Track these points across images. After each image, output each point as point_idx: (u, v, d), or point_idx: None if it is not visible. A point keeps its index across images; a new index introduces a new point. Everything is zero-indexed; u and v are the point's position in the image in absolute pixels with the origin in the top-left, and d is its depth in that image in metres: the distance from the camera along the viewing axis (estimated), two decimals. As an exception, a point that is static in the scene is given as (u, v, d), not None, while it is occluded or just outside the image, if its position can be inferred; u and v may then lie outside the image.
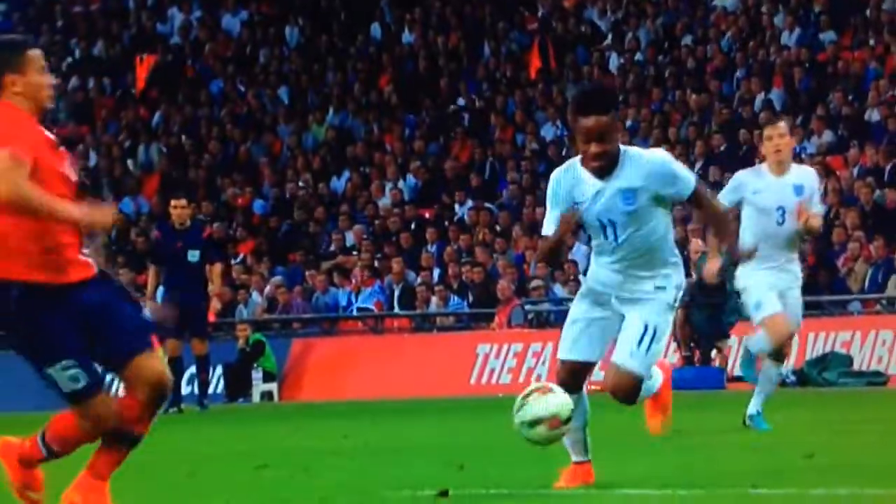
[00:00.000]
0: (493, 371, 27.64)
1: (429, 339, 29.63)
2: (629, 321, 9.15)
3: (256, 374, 28.94)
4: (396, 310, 30.83)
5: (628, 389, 9.24)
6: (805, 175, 13.85)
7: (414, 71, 38.40)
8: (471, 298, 30.08)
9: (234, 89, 39.85)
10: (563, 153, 34.27)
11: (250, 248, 34.53)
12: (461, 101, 36.97)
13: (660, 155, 9.09)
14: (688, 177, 9.06)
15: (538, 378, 27.29)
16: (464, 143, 35.45)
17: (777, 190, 13.56)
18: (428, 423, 18.81)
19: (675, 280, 9.24)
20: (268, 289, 32.25)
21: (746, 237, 13.52)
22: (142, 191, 37.89)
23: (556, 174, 9.15)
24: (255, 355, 28.87)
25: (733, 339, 25.51)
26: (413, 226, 33.20)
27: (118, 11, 43.00)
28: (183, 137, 38.76)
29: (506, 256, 30.79)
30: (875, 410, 14.30)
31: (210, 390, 25.42)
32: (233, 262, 33.31)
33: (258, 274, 33.01)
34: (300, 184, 35.95)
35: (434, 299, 30.37)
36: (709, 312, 26.05)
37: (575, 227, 9.25)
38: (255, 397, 28.80)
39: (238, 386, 28.82)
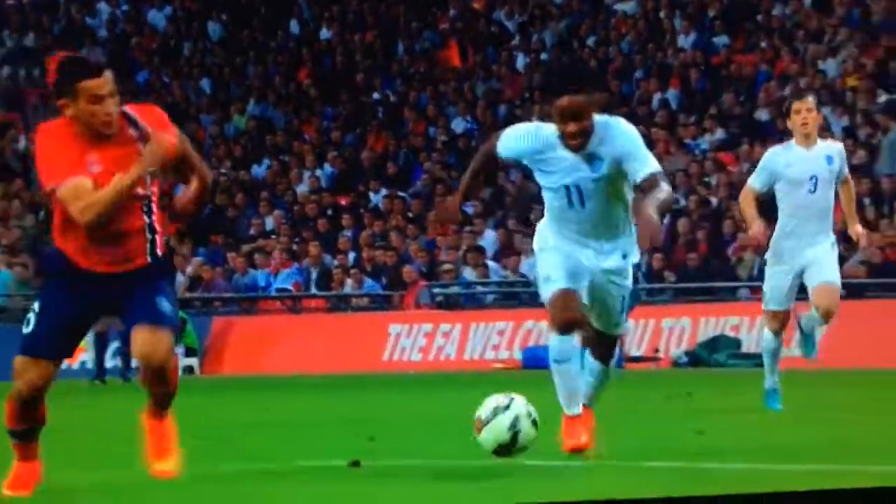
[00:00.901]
0: (404, 349, 27.68)
1: (344, 318, 29.62)
2: (610, 297, 8.90)
3: (179, 350, 28.95)
4: (313, 290, 30.83)
5: (612, 348, 9.29)
6: (833, 147, 13.43)
7: (331, 65, 38.36)
8: (384, 281, 30.11)
9: (159, 80, 39.68)
10: (473, 144, 34.37)
11: (173, 230, 34.24)
12: (376, 96, 36.94)
13: (632, 131, 8.58)
14: (649, 160, 8.49)
15: (447, 357, 27.33)
16: (379, 135, 35.43)
17: (808, 160, 13.11)
18: (342, 397, 18.79)
19: (635, 249, 8.86)
20: (190, 269, 32.14)
21: (782, 212, 13.17)
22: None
23: (539, 129, 8.67)
24: (178, 332, 28.91)
25: (630, 323, 25.61)
26: (330, 212, 33.18)
27: (49, 4, 42.71)
28: (111, 124, 38.51)
29: (417, 242, 30.84)
30: (762, 390, 14.34)
31: (133, 364, 25.35)
32: (157, 243, 33.08)
33: (181, 255, 32.86)
34: (222, 170, 35.81)
35: (349, 281, 30.37)
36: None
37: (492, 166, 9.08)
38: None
39: (160, 361, 28.74)
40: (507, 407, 8.16)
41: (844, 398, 15.68)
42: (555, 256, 8.76)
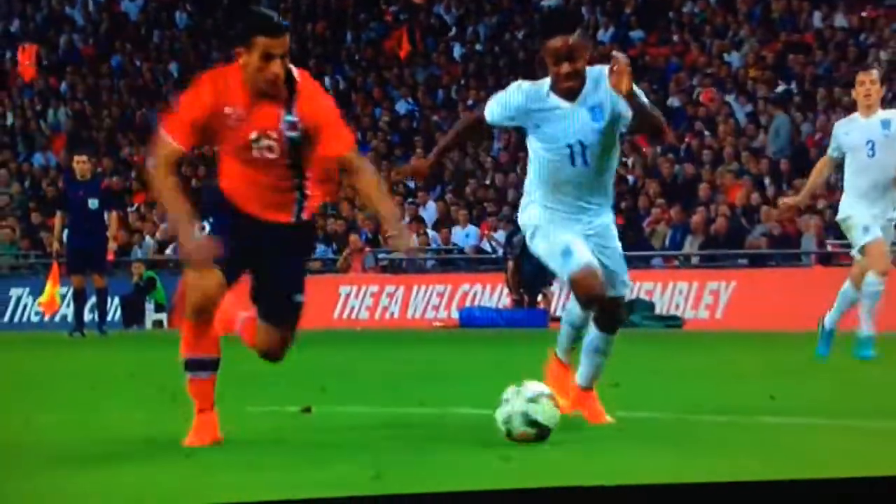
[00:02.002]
0: (353, 308, 27.66)
1: (298, 280, 29.50)
2: (609, 257, 7.83)
3: (149, 306, 28.96)
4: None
5: (620, 311, 8.01)
6: (893, 115, 13.03)
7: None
8: (335, 246, 30.06)
9: (131, 63, 39.41)
10: (415, 125, 34.28)
11: (143, 198, 34.21)
12: (327, 80, 36.80)
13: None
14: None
15: (391, 315, 27.30)
16: (329, 115, 35.27)
17: (865, 127, 12.75)
18: (295, 351, 18.65)
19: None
20: (158, 234, 32.03)
21: (847, 178, 12.80)
22: (51, 147, 37.38)
23: (521, 85, 7.71)
24: (148, 289, 28.91)
25: (556, 286, 25.64)
26: (285, 183, 33.06)
27: (32, -6, 42.42)
28: (86, 103, 38.30)
29: (364, 212, 30.82)
30: (673, 348, 14.35)
31: (109, 318, 25.23)
32: (129, 209, 33.04)
33: (150, 221, 32.78)
34: (188, 145, 35.66)
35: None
36: (536, 262, 26.10)
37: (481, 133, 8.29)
38: (148, 325, 28.73)
39: (133, 315, 28.77)
40: (516, 395, 7.02)
41: (745, 358, 15.69)
42: (562, 231, 7.74)
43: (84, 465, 6.52)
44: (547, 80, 7.61)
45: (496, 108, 7.77)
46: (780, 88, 30.60)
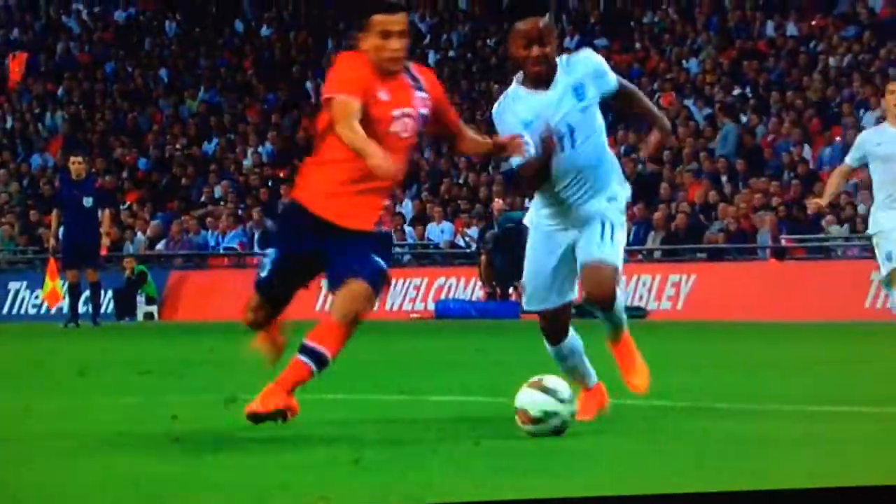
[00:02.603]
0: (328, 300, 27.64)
1: (281, 273, 29.40)
2: (587, 229, 7.19)
3: (140, 298, 28.86)
4: (256, 249, 30.63)
5: (605, 282, 7.27)
6: None
7: (270, 58, 38.08)
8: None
9: (123, 69, 39.28)
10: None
11: (135, 197, 34.14)
12: (309, 84, 36.70)
13: (585, 51, 7.28)
14: (612, 73, 7.21)
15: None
16: (312, 118, 35.19)
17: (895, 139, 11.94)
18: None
19: (624, 193, 7.31)
20: (149, 230, 31.99)
21: (878, 187, 12.02)
22: (48, 148, 37.23)
23: (497, 108, 7.16)
24: (139, 283, 28.83)
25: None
26: (270, 182, 32.99)
27: (31, 3, 42.20)
28: (81, 107, 38.18)
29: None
30: (637, 337, 14.25)
31: (102, 310, 25.15)
32: (121, 208, 32.96)
33: (142, 218, 32.71)
34: (177, 147, 35.57)
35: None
36: (508, 256, 26.07)
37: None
38: (139, 317, 28.62)
39: (125, 307, 28.66)
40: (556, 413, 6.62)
41: (705, 347, 15.68)
42: (538, 258, 7.24)
43: (81, 451, 6.46)
44: (513, 84, 7.13)
45: (505, 130, 7.12)
46: (736, 93, 30.63)
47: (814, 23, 31.75)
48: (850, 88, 29.17)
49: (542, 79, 7.03)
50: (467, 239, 28.69)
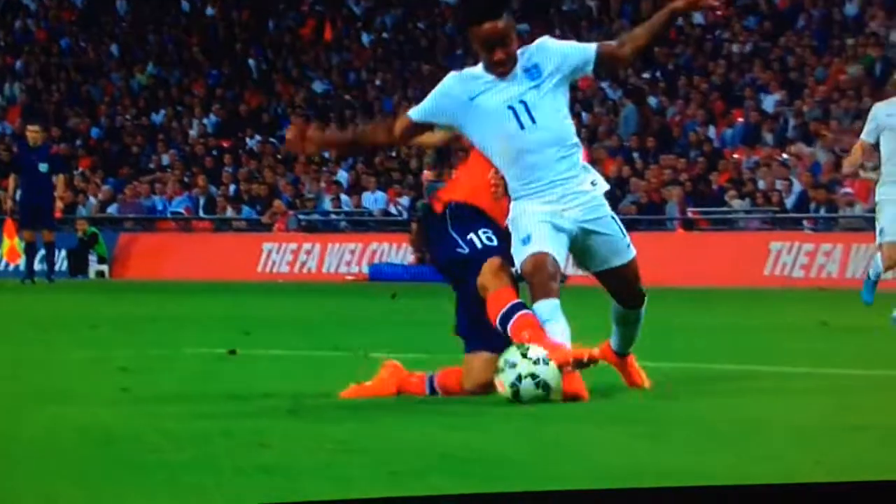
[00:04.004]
0: (274, 263, 27.45)
1: (225, 237, 29.20)
2: (599, 224, 6.39)
3: (92, 258, 28.70)
4: (201, 214, 30.46)
5: (636, 269, 6.59)
6: None
7: (215, 36, 37.75)
8: (258, 208, 29.86)
9: (77, 45, 38.80)
10: (329, 104, 34.02)
11: (88, 163, 33.82)
12: (251, 61, 36.41)
13: (541, 39, 6.46)
14: (583, 45, 6.50)
15: (309, 270, 27.12)
16: (253, 93, 34.96)
17: None
18: (223, 300, 18.46)
19: (594, 174, 6.49)
20: (100, 195, 31.74)
21: (886, 159, 11.56)
22: (7, 117, 36.77)
23: (452, 76, 6.40)
24: (91, 244, 28.70)
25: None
26: (215, 152, 32.78)
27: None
28: (38, 79, 37.71)
29: (285, 178, 30.72)
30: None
31: (56, 268, 24.92)
32: (75, 173, 32.69)
33: (94, 183, 32.44)
34: (127, 117, 35.24)
35: (230, 208, 30.13)
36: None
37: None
38: (91, 275, 28.39)
39: (78, 266, 28.48)
40: (513, 364, 6.05)
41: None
42: (531, 219, 6.35)
43: (33, 400, 6.33)
44: (479, 68, 6.37)
45: (427, 104, 6.39)
46: (646, 75, 30.69)
47: (719, 13, 31.85)
48: (752, 74, 29.31)
49: (507, 74, 6.33)
50: (399, 207, 28.63)
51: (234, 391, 6.68)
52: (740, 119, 28.17)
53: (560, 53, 6.34)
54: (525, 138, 6.27)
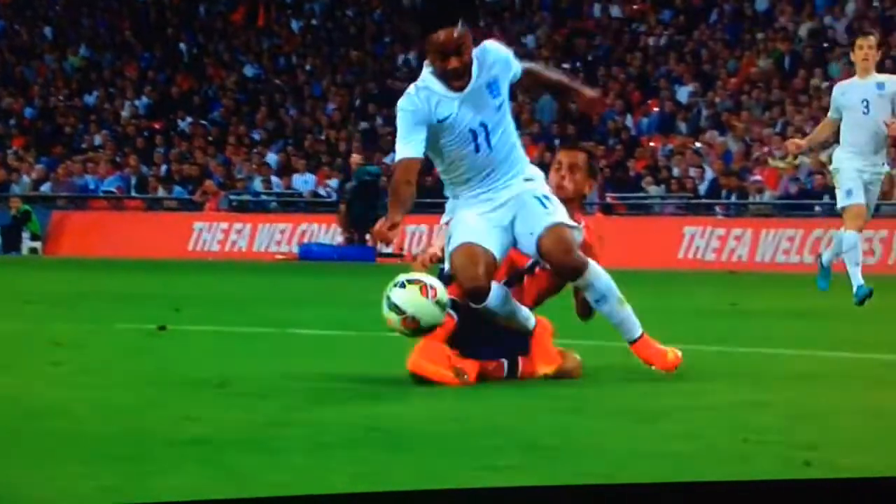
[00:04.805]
0: (205, 241, 27.25)
1: (157, 216, 28.93)
2: (522, 210, 6.03)
3: (25, 235, 28.42)
4: (133, 193, 30.17)
5: (566, 242, 5.98)
6: (888, 78, 11.78)
7: (147, 21, 37.39)
8: (190, 188, 29.62)
9: (12, 27, 38.25)
10: (260, 88, 33.77)
11: (21, 143, 33.39)
12: (183, 45, 36.07)
13: (493, 44, 6.10)
14: (516, 59, 6.15)
15: (239, 249, 26.93)
16: (185, 76, 34.63)
17: (861, 87, 11.56)
18: (154, 277, 18.26)
19: (538, 172, 6.19)
20: (34, 173, 31.35)
21: (843, 133, 11.57)
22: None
23: (406, 99, 5.95)
24: (24, 221, 28.44)
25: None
26: (146, 133, 32.47)
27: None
28: (-27, 60, 37.17)
29: (216, 159, 30.49)
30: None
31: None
32: (8, 152, 32.28)
33: (27, 162, 32.04)
34: (60, 98, 34.83)
35: (161, 188, 29.87)
36: (365, 204, 25.81)
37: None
38: (24, 251, 28.06)
39: (11, 242, 28.17)
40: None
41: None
42: (465, 220, 6.04)
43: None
44: (426, 76, 5.99)
45: (411, 137, 5.93)
46: (567, 66, 30.77)
47: (635, 6, 32.00)
48: (667, 66, 29.48)
49: (463, 85, 5.96)
50: (328, 189, 28.53)
51: (164, 366, 6.61)
52: (656, 109, 28.33)
53: (507, 64, 6.04)
54: (478, 160, 5.99)
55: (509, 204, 6.02)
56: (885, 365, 7.12)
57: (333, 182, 28.43)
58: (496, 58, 6.01)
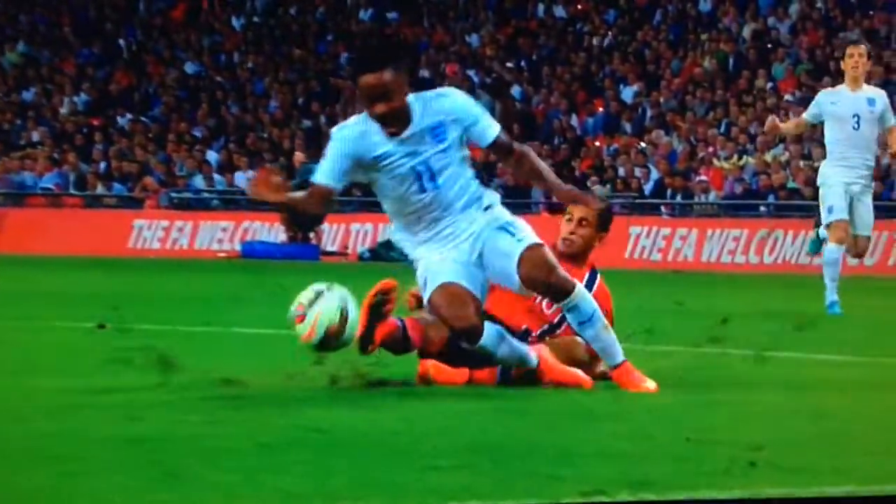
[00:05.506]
0: (146, 240, 27.06)
1: (96, 214, 28.69)
2: (489, 242, 5.83)
3: (-42, 234, 27.94)
4: (72, 191, 29.91)
5: (546, 262, 5.80)
6: (876, 92, 11.73)
7: (86, 17, 37.10)
8: (129, 185, 29.40)
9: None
10: (201, 85, 33.58)
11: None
12: (122, 42, 35.82)
13: (462, 94, 5.93)
14: (492, 120, 5.92)
15: (181, 246, 26.75)
16: (125, 72, 34.38)
17: (852, 101, 11.44)
18: (94, 275, 18.11)
19: (496, 197, 6.00)
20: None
21: (830, 144, 11.51)
22: None
23: (342, 129, 5.82)
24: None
25: (325, 225, 25.46)
26: (85, 130, 32.21)
27: None
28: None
29: (156, 157, 30.27)
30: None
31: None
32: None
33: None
34: (-1, 94, 34.55)
35: (100, 185, 29.63)
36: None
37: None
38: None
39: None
40: (330, 289, 5.65)
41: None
42: (436, 263, 5.82)
43: None
44: (371, 122, 5.78)
45: (333, 166, 5.78)
46: (510, 64, 30.84)
47: (579, 6, 32.12)
48: (611, 66, 29.60)
49: (397, 130, 5.75)
50: (270, 187, 28.39)
51: (103, 365, 6.54)
52: (600, 109, 28.43)
53: (465, 114, 5.80)
54: (425, 200, 5.78)
55: (471, 240, 5.81)
56: (832, 365, 7.16)
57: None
58: (452, 106, 5.79)
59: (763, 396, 5.69)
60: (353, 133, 5.75)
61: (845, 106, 11.47)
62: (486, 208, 5.87)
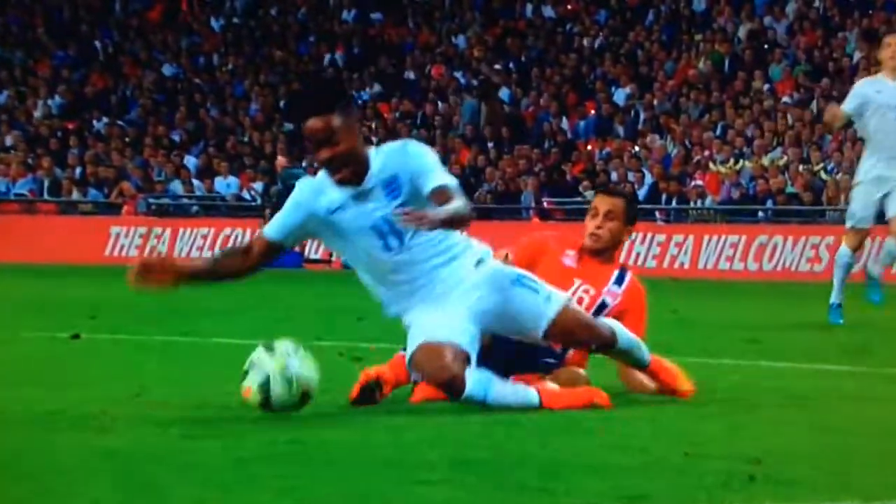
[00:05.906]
0: (123, 247, 26.98)
1: (71, 220, 28.60)
2: (509, 300, 5.57)
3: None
4: (46, 196, 29.81)
5: (584, 323, 5.71)
6: None
7: (60, 18, 37.04)
8: (106, 191, 29.33)
9: None
10: (179, 87, 33.53)
11: None
12: (98, 43, 35.77)
13: (422, 148, 5.57)
14: (444, 174, 5.50)
15: (159, 254, 26.62)
16: (100, 74, 34.31)
17: (893, 90, 11.11)
18: (69, 284, 18.04)
19: (480, 250, 5.72)
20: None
21: (875, 134, 11.09)
22: None
23: (299, 184, 5.63)
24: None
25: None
26: (60, 134, 32.10)
27: None
28: None
29: (133, 161, 30.16)
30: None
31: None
32: None
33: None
34: (-30, 99, 34.40)
35: (76, 191, 29.55)
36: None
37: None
38: None
39: None
40: (260, 360, 5.27)
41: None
42: (418, 316, 5.57)
43: None
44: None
45: (283, 219, 5.60)
46: (498, 66, 30.85)
47: (569, 6, 32.15)
48: (603, 67, 29.61)
49: (347, 177, 5.47)
50: (252, 192, 28.38)
51: (77, 376, 6.52)
52: (592, 111, 28.44)
53: (415, 169, 5.45)
54: (392, 260, 5.49)
55: (463, 298, 5.51)
56: (830, 376, 7.15)
57: (258, 185, 28.28)
58: (401, 160, 5.47)
59: (761, 408, 5.68)
60: (312, 184, 5.54)
61: (889, 94, 11.14)
62: (478, 263, 5.61)
